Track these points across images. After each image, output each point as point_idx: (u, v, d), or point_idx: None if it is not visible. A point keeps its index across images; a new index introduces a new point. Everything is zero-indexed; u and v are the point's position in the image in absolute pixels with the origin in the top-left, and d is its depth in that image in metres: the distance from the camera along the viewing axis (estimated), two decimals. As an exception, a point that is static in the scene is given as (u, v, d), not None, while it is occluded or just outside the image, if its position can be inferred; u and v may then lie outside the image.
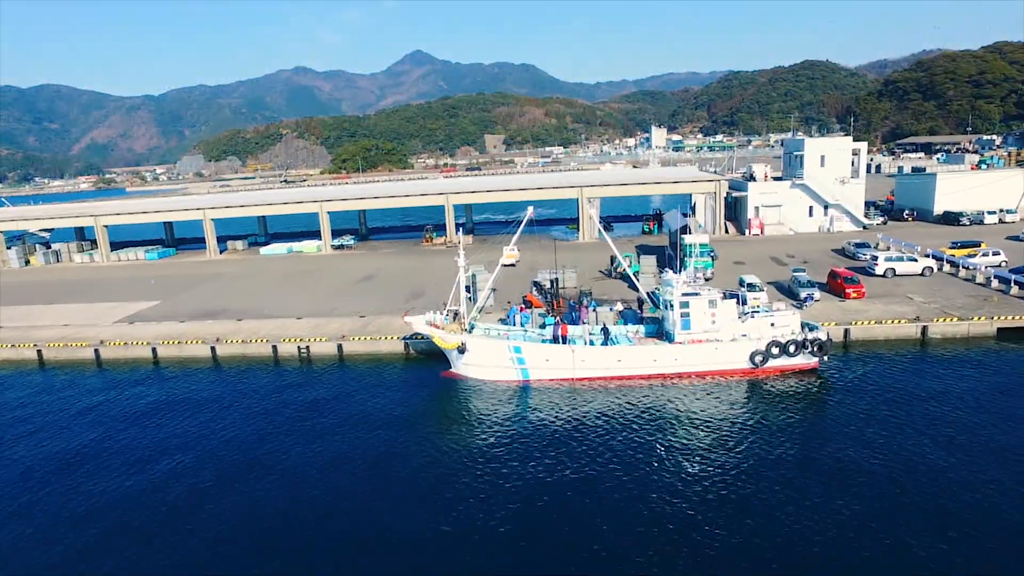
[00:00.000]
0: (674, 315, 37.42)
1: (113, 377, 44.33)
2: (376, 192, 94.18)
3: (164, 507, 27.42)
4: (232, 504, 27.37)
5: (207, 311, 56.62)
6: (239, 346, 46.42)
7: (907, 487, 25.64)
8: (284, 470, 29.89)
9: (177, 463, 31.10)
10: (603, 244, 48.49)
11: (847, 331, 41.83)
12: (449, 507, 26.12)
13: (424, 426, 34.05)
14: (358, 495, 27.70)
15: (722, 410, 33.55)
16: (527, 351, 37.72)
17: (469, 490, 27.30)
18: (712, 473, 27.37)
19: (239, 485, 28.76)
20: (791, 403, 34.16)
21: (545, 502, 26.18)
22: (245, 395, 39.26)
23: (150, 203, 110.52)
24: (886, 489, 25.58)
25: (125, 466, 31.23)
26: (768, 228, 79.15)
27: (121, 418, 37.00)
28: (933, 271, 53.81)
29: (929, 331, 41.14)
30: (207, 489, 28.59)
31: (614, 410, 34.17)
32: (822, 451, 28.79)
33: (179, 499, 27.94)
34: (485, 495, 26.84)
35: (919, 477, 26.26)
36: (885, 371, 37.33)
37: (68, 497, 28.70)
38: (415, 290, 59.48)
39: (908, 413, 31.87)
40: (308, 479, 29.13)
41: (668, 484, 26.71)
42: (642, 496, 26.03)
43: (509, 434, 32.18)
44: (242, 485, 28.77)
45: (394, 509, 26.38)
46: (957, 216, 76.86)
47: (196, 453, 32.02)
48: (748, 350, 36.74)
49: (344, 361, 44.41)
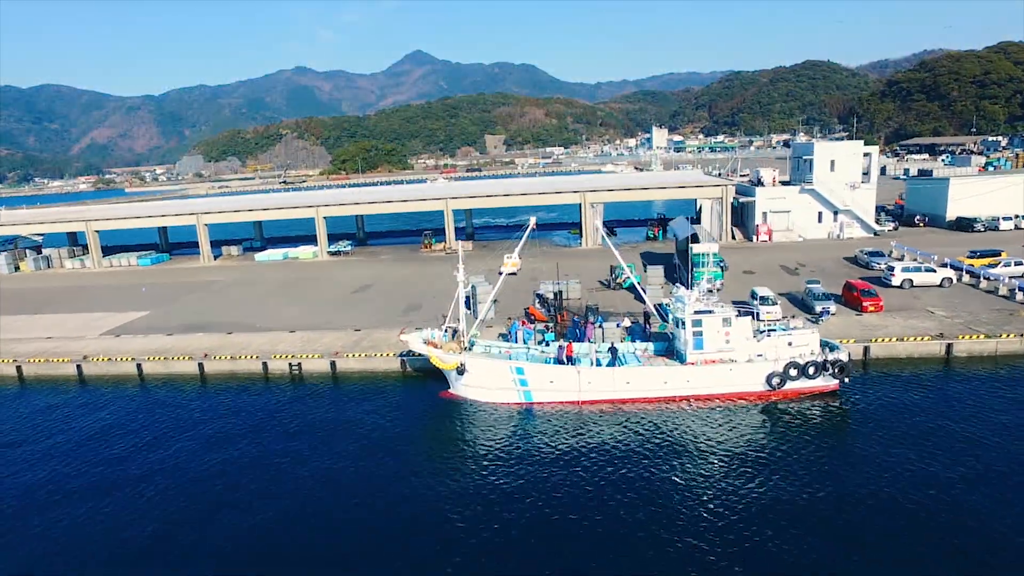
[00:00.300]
0: (686, 334, 35.28)
1: (90, 398, 42.17)
2: (374, 197, 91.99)
3: (133, 545, 25.29)
4: (206, 537, 25.24)
5: (197, 323, 54.53)
6: (228, 362, 44.28)
7: (943, 525, 23.54)
8: (268, 495, 27.81)
9: (144, 492, 28.97)
10: (607, 250, 46.33)
11: (867, 349, 39.62)
12: (442, 537, 24.16)
13: (417, 451, 31.89)
14: (347, 523, 25.84)
15: (738, 437, 31.40)
16: (530, 372, 35.59)
17: (463, 519, 25.29)
18: (729, 504, 25.27)
19: (221, 515, 26.65)
20: (811, 429, 32.01)
21: (545, 536, 24.13)
22: (228, 415, 37.10)
23: (143, 207, 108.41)
24: (922, 529, 23.45)
25: (91, 493, 29.11)
26: (776, 234, 77.03)
27: (82, 442, 34.91)
28: (953, 282, 51.63)
29: (954, 349, 38.94)
30: (179, 521, 26.47)
31: (622, 436, 32.05)
32: (847, 483, 26.62)
33: (148, 535, 25.81)
34: (482, 526, 24.87)
35: (961, 514, 24.08)
36: (909, 392, 35.14)
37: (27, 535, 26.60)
38: (413, 301, 57.35)
39: (938, 440, 29.69)
40: (294, 505, 27.16)
41: (682, 520, 24.56)
42: (652, 534, 23.93)
43: (509, 461, 30.04)
44: (223, 515, 26.66)
45: (386, 537, 24.33)
46: (971, 222, 74.67)
47: (172, 478, 29.90)
48: (765, 372, 34.59)
49: (337, 379, 42.27)
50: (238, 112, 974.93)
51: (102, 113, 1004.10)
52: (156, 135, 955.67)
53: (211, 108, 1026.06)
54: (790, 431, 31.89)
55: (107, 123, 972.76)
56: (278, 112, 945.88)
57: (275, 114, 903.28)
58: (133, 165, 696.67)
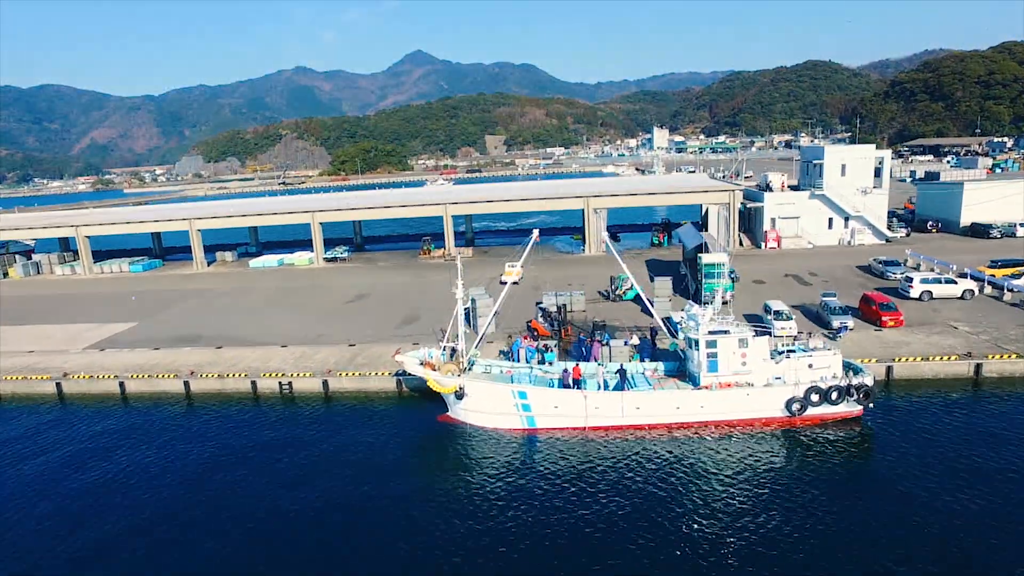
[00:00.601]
0: (699, 355, 33.06)
1: (68, 419, 39.99)
2: (371, 202, 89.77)
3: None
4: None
5: (186, 335, 52.37)
6: (215, 381, 42.07)
7: (977, 565, 21.45)
8: (253, 523, 25.66)
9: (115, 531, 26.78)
10: (610, 257, 44.13)
11: (890, 369, 37.41)
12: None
13: (411, 485, 29.63)
14: (336, 557, 23.91)
15: (756, 467, 29.21)
16: (533, 397, 33.36)
17: (459, 556, 23.24)
18: (749, 545, 23.10)
19: (202, 546, 24.48)
20: (832, 459, 29.85)
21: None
22: (210, 439, 34.92)
23: (134, 212, 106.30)
24: (954, 573, 21.37)
25: (63, 523, 26.93)
26: (785, 241, 74.81)
27: (61, 467, 32.72)
28: (974, 294, 49.37)
29: (984, 369, 36.70)
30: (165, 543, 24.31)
31: (632, 465, 29.88)
32: (878, 523, 24.49)
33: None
34: (479, 568, 22.82)
35: (996, 556, 21.94)
36: (938, 418, 32.93)
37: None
38: (410, 312, 55.15)
39: (969, 471, 27.59)
40: (280, 536, 25.20)
41: (704, 562, 22.40)
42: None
43: (511, 494, 27.88)
44: (205, 545, 24.51)
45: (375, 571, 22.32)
46: (986, 228, 72.43)
47: (147, 510, 27.74)
48: (784, 397, 32.37)
49: (330, 399, 40.07)
50: (238, 112, 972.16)
51: (102, 113, 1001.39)
52: (156, 135, 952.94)
53: (211, 108, 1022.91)
54: (810, 461, 29.75)
55: (107, 123, 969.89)
56: (278, 112, 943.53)
57: (275, 114, 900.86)
58: (133, 165, 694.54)
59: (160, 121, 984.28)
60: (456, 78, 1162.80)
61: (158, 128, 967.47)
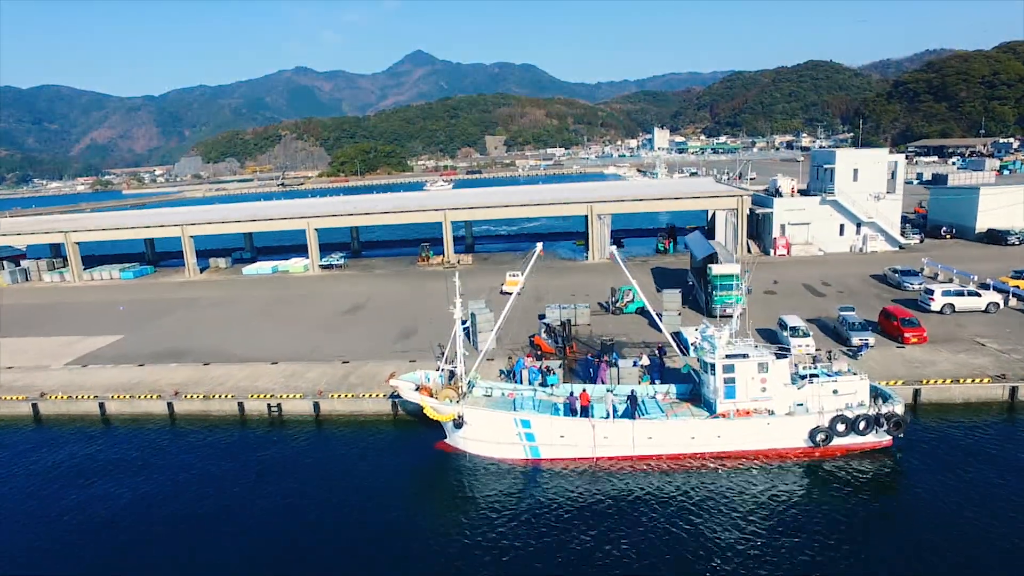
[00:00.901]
0: (716, 381, 30.74)
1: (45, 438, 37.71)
2: (369, 207, 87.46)
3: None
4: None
5: (173, 349, 50.11)
6: (200, 402, 39.76)
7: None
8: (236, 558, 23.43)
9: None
10: (615, 265, 41.83)
11: (917, 392, 35.06)
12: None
13: (404, 522, 27.32)
14: None
15: (778, 505, 26.91)
16: (537, 425, 31.05)
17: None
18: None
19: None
20: (862, 495, 27.62)
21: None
22: (192, 467, 32.64)
23: (126, 217, 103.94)
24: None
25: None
26: (795, 248, 72.45)
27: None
28: (999, 307, 47.04)
29: (1020, 393, 34.36)
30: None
31: (644, 499, 27.65)
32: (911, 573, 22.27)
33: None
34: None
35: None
36: (974, 448, 30.59)
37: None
38: (407, 325, 52.83)
39: (1009, 509, 25.33)
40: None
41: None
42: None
43: (515, 532, 25.62)
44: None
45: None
46: (1004, 235, 70.08)
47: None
48: (808, 426, 30.04)
49: (321, 423, 37.77)
50: (238, 112, 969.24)
51: (102, 114, 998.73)
52: (156, 135, 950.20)
53: (211, 108, 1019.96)
54: (836, 497, 27.53)
55: (107, 123, 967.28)
56: (278, 112, 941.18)
57: (275, 114, 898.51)
58: (133, 166, 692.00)
59: (160, 121, 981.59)
60: (456, 78, 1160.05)
61: (158, 128, 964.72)
